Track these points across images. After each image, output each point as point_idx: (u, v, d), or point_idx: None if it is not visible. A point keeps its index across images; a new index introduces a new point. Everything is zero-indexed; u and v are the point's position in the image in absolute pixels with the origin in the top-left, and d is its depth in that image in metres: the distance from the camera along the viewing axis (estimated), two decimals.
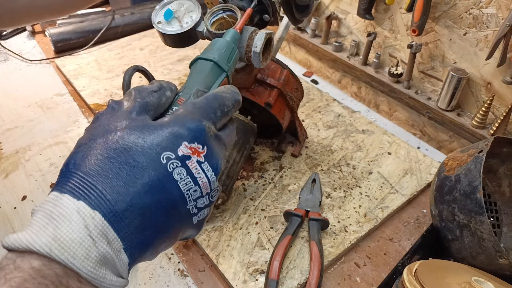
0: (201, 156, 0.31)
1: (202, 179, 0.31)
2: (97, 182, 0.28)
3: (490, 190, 0.69)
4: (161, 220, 0.30)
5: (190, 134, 0.31)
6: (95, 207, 0.27)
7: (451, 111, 0.81)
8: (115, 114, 0.32)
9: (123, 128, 0.30)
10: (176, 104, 0.37)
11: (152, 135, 0.30)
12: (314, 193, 0.70)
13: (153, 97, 0.34)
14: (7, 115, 0.92)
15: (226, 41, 0.45)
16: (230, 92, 0.36)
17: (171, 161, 0.30)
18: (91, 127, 0.32)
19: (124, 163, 0.29)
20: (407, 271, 0.49)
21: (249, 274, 0.60)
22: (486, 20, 0.71)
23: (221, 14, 0.53)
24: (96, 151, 0.29)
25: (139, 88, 0.34)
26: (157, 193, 0.29)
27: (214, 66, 0.41)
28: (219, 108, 0.34)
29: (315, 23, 1.02)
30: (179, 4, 0.56)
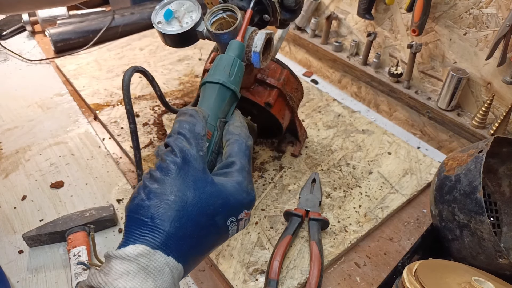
0: (248, 216, 0.41)
1: (241, 228, 0.41)
2: (183, 242, 0.35)
3: (490, 190, 0.69)
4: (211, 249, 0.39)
5: (250, 204, 0.40)
6: (179, 261, 0.35)
7: (451, 111, 0.81)
8: (185, 171, 0.36)
9: (198, 191, 0.36)
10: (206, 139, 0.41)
11: (225, 202, 0.37)
12: (314, 193, 0.70)
13: (203, 141, 0.39)
14: (7, 115, 0.92)
15: (230, 57, 0.47)
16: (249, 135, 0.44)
17: (232, 222, 0.39)
18: (166, 179, 0.36)
19: (204, 227, 0.36)
20: (407, 271, 0.49)
21: (249, 274, 0.60)
22: (486, 20, 0.71)
23: (221, 14, 0.53)
24: (179, 213, 0.35)
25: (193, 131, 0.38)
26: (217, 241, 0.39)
27: (220, 88, 0.44)
28: (250, 162, 0.42)
29: (315, 23, 1.02)
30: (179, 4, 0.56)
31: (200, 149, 0.38)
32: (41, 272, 0.62)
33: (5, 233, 0.67)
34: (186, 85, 1.00)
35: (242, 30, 0.50)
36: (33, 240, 0.64)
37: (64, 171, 0.78)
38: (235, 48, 0.48)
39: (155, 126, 0.86)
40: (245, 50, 0.49)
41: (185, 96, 0.96)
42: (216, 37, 0.52)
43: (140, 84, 0.99)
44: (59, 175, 0.77)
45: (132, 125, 0.65)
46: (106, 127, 0.87)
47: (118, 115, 0.90)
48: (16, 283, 0.60)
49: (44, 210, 0.71)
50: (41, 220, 0.69)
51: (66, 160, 0.80)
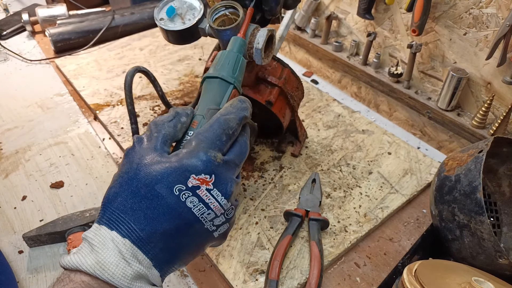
0: (210, 184, 0.36)
1: (214, 203, 0.36)
2: (125, 215, 0.34)
3: (490, 190, 0.69)
4: (183, 241, 0.36)
5: (197, 167, 0.36)
6: (125, 235, 0.34)
7: (451, 111, 0.81)
8: (137, 151, 0.37)
9: (142, 165, 0.36)
10: (191, 128, 0.41)
11: (165, 170, 0.35)
12: (314, 193, 0.70)
13: (169, 127, 0.39)
14: (7, 115, 0.92)
15: (231, 52, 0.46)
16: (235, 111, 0.40)
17: (182, 192, 0.35)
18: (121, 164, 0.38)
19: (144, 197, 0.35)
20: (407, 271, 0.49)
21: (249, 274, 0.59)
22: (486, 20, 0.71)
23: (223, 11, 0.53)
24: (123, 188, 0.35)
25: (156, 120, 0.39)
26: (175, 219, 0.35)
27: (220, 82, 0.44)
28: (224, 133, 0.38)
29: (315, 23, 1.02)
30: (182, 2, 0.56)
31: (156, 130, 0.38)
32: (41, 272, 0.62)
33: (5, 233, 0.67)
34: (186, 85, 1.00)
35: (244, 27, 0.50)
36: (33, 240, 0.64)
37: (64, 171, 0.78)
38: (235, 44, 0.48)
39: None
40: (246, 46, 0.49)
41: (185, 96, 0.96)
42: (219, 33, 0.52)
43: (140, 84, 0.99)
44: (59, 175, 0.77)
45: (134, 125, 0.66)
46: (106, 127, 0.87)
47: (118, 115, 0.90)
48: (16, 283, 0.60)
49: (44, 210, 0.70)
50: (41, 220, 0.69)
51: (66, 160, 0.80)
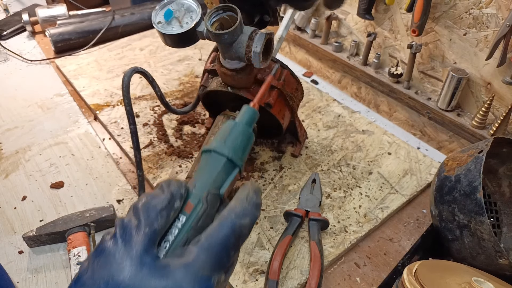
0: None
1: None
2: None
3: (490, 190, 0.69)
4: None
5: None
6: None
7: (451, 111, 0.81)
8: (121, 252, 0.31)
9: (129, 278, 0.29)
10: (183, 212, 0.35)
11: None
12: (314, 193, 0.70)
13: (162, 218, 0.32)
14: (7, 115, 0.93)
15: (244, 127, 0.41)
16: (250, 211, 0.34)
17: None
18: (96, 261, 0.31)
19: None
20: (407, 271, 0.49)
21: (249, 274, 0.59)
22: (486, 20, 0.71)
23: (222, 14, 0.53)
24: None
25: (148, 207, 0.32)
26: None
27: (227, 163, 0.38)
28: (234, 246, 0.32)
29: (315, 23, 1.02)
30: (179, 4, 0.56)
31: (149, 225, 0.31)
32: (41, 272, 0.62)
33: (5, 233, 0.67)
34: (186, 85, 1.00)
35: (257, 98, 0.44)
36: (33, 240, 0.64)
37: (64, 171, 0.78)
38: (248, 118, 0.42)
39: (155, 127, 0.86)
40: (257, 118, 0.43)
41: (185, 97, 0.96)
42: (216, 37, 0.52)
43: (140, 84, 0.99)
44: (59, 176, 0.77)
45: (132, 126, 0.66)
46: (106, 127, 0.87)
47: (118, 116, 0.90)
48: (16, 283, 0.60)
49: (44, 210, 0.71)
50: (41, 220, 0.69)
51: (66, 161, 0.80)
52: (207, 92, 0.71)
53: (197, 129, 0.86)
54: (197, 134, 0.85)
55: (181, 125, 0.87)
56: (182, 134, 0.85)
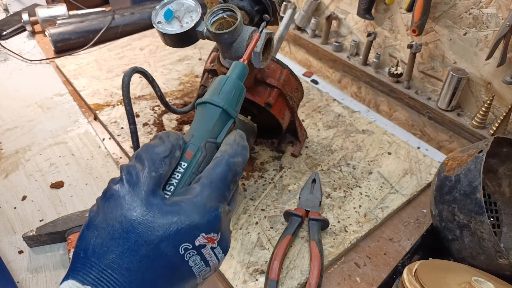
0: (215, 243, 0.33)
1: (213, 261, 0.33)
2: (119, 276, 0.29)
3: (490, 190, 0.69)
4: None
5: (208, 225, 0.32)
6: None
7: (451, 111, 0.81)
8: (131, 194, 0.32)
9: (142, 216, 0.31)
10: (184, 158, 0.37)
11: (171, 226, 0.31)
12: (314, 193, 0.70)
13: (165, 164, 0.34)
14: (7, 115, 0.92)
15: (235, 81, 0.42)
16: (240, 151, 0.37)
17: (188, 251, 0.31)
18: (106, 206, 0.32)
19: (145, 256, 0.30)
20: (407, 271, 0.49)
21: (249, 274, 0.60)
22: (486, 20, 0.71)
23: (221, 14, 0.53)
24: (117, 242, 0.30)
25: (151, 153, 0.34)
26: (173, 279, 0.31)
27: (222, 113, 0.40)
28: (232, 181, 0.35)
29: (315, 23, 1.02)
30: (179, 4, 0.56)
31: (154, 169, 0.33)
32: (41, 272, 0.62)
33: (5, 233, 0.67)
34: (186, 85, 1.00)
35: (248, 51, 0.46)
36: (33, 240, 0.64)
37: (64, 171, 0.78)
38: (239, 72, 0.44)
39: (155, 126, 0.86)
40: (247, 72, 0.45)
41: (185, 96, 0.96)
42: (216, 37, 0.52)
43: (140, 84, 0.99)
44: (59, 175, 0.77)
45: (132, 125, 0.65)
46: (106, 127, 0.87)
47: (118, 115, 0.90)
48: (16, 283, 0.60)
49: (44, 210, 0.70)
50: (41, 220, 0.69)
51: (66, 160, 0.80)
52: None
53: None
54: None
55: (181, 125, 0.87)
56: (182, 134, 0.85)
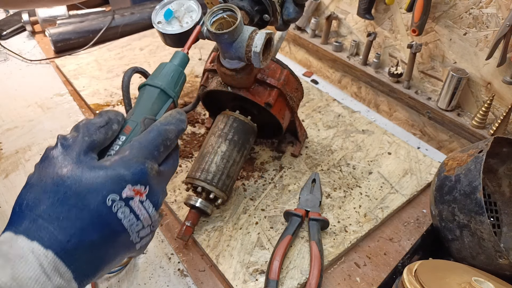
0: (143, 196, 0.35)
1: (144, 215, 0.36)
2: (49, 224, 0.32)
3: (490, 190, 0.69)
4: (108, 252, 0.34)
5: (134, 177, 0.35)
6: (47, 246, 0.31)
7: (451, 111, 0.81)
8: (64, 155, 0.35)
9: (71, 171, 0.33)
10: (123, 133, 0.40)
11: (98, 179, 0.33)
12: (314, 193, 0.70)
13: (100, 133, 0.37)
14: (7, 115, 0.92)
15: (174, 65, 0.47)
16: (174, 122, 0.40)
17: (115, 202, 0.34)
18: (41, 166, 0.35)
19: (74, 206, 0.32)
20: (407, 271, 0.49)
21: (249, 274, 0.60)
22: (486, 20, 0.71)
23: (221, 14, 0.53)
24: (48, 194, 0.33)
25: (87, 123, 0.37)
26: (103, 230, 0.33)
27: (161, 93, 0.44)
28: (162, 144, 0.38)
29: (315, 23, 1.02)
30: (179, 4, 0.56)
31: (88, 135, 0.36)
32: None
33: None
34: (186, 85, 1.00)
35: (189, 43, 0.50)
36: None
37: None
38: (179, 59, 0.48)
39: None
40: (188, 60, 0.49)
41: (185, 96, 0.96)
42: (216, 37, 0.52)
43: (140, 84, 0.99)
44: None
45: None
46: None
47: None
48: None
49: None
50: None
51: None
52: (207, 92, 0.71)
53: (197, 129, 0.86)
54: (197, 134, 0.85)
55: None
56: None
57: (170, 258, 0.63)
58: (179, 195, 0.71)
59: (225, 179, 0.64)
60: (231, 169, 0.65)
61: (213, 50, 0.73)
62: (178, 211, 0.69)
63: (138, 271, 0.61)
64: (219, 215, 0.68)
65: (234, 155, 0.66)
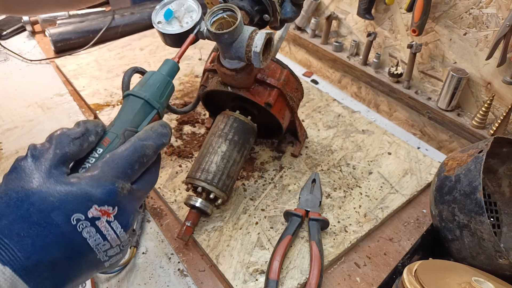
0: (111, 216, 0.34)
1: (111, 236, 0.34)
2: (9, 240, 0.31)
3: (490, 190, 0.69)
4: (72, 269, 0.33)
5: (101, 198, 0.33)
6: (5, 263, 0.30)
7: (451, 111, 0.81)
8: (32, 167, 0.34)
9: (37, 186, 0.32)
10: (101, 145, 0.38)
11: (64, 196, 0.32)
12: (314, 193, 0.70)
13: (74, 145, 0.35)
14: (7, 115, 0.92)
15: (162, 75, 0.45)
16: (154, 137, 0.38)
17: (80, 222, 0.33)
18: (8, 178, 0.34)
19: (35, 223, 0.31)
20: (407, 271, 0.49)
21: (249, 274, 0.60)
22: (486, 20, 0.71)
23: (221, 14, 0.53)
24: (11, 209, 0.32)
25: (61, 134, 0.36)
26: (67, 249, 0.32)
27: (144, 104, 0.42)
28: (138, 161, 0.36)
29: (315, 23, 1.02)
30: (179, 4, 0.56)
31: (60, 148, 0.34)
32: None
33: None
34: (186, 85, 1.00)
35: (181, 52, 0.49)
36: None
37: None
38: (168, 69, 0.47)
39: None
40: (178, 69, 0.48)
41: (185, 96, 0.96)
42: (216, 37, 0.52)
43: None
44: None
45: None
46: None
47: None
48: None
49: None
50: None
51: None
52: (207, 92, 0.71)
53: (197, 129, 0.86)
54: (197, 134, 0.85)
55: (181, 125, 0.87)
56: (182, 134, 0.85)
57: (170, 258, 0.63)
58: (179, 195, 0.71)
59: (225, 179, 0.64)
60: (231, 169, 0.65)
61: (213, 50, 0.73)
62: (178, 211, 0.69)
63: (138, 271, 0.61)
64: (219, 215, 0.68)
65: (234, 155, 0.66)
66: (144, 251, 0.64)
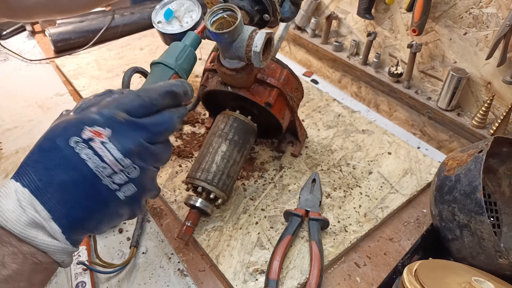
0: (104, 137, 0.37)
1: (108, 157, 0.36)
2: (29, 167, 0.36)
3: (490, 190, 0.69)
4: (80, 194, 0.36)
5: (93, 119, 0.37)
6: (25, 185, 0.36)
7: (451, 111, 0.81)
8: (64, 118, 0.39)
9: (54, 125, 0.38)
10: None
11: (65, 124, 0.37)
12: (314, 193, 0.70)
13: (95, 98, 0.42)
14: (7, 115, 0.92)
15: (180, 43, 0.49)
16: (163, 85, 0.42)
17: (78, 144, 0.36)
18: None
19: (46, 150, 0.37)
20: (407, 271, 0.49)
21: (249, 274, 0.60)
22: (486, 20, 0.71)
23: (221, 14, 0.53)
24: (35, 146, 0.38)
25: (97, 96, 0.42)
26: (69, 171, 0.36)
27: (162, 67, 0.47)
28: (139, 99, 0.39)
29: (315, 23, 1.02)
30: (179, 4, 0.56)
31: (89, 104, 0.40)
32: None
33: None
34: None
35: (202, 26, 0.53)
36: None
37: None
38: (189, 39, 0.50)
39: None
40: (200, 41, 0.52)
41: None
42: (216, 36, 0.52)
43: (140, 84, 0.99)
44: None
45: None
46: None
47: None
48: None
49: None
50: None
51: None
52: (207, 91, 0.71)
53: (197, 128, 0.86)
54: (197, 133, 0.85)
55: (181, 125, 0.87)
56: (182, 133, 0.85)
57: (170, 258, 0.63)
58: (179, 195, 0.71)
59: (225, 179, 0.64)
60: (231, 169, 0.65)
61: (213, 50, 0.73)
62: (178, 211, 0.69)
63: (138, 271, 0.61)
64: (219, 215, 0.68)
65: (234, 155, 0.66)
66: (144, 251, 0.64)
